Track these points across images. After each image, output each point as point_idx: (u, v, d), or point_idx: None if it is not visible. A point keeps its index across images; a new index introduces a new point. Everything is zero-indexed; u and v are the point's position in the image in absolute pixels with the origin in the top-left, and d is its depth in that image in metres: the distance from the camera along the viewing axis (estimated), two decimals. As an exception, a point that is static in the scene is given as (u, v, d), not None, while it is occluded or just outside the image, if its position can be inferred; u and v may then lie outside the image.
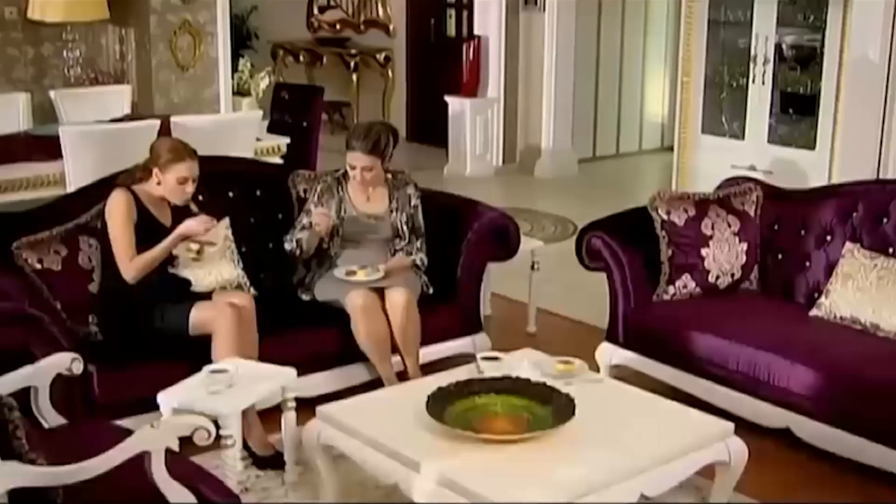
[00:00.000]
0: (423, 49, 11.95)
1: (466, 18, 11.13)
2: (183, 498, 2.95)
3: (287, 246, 4.97)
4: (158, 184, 4.41)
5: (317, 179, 5.16)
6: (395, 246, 5.01)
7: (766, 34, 7.29)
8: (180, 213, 4.53)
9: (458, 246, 5.15)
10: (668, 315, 4.84)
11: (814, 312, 4.69)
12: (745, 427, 3.99)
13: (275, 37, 12.15)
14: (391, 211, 5.01)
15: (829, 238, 4.91)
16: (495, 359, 4.04)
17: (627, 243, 4.99)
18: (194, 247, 4.47)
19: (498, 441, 3.38)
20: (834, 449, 4.21)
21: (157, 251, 4.36)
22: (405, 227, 5.01)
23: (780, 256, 5.05)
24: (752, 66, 7.38)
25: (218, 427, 3.32)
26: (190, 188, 4.45)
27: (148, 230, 4.39)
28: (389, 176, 5.07)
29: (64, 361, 3.58)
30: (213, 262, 4.74)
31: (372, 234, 4.99)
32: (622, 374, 4.80)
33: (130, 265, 4.33)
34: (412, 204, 5.06)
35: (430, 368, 4.71)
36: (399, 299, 4.74)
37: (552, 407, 3.54)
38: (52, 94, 7.37)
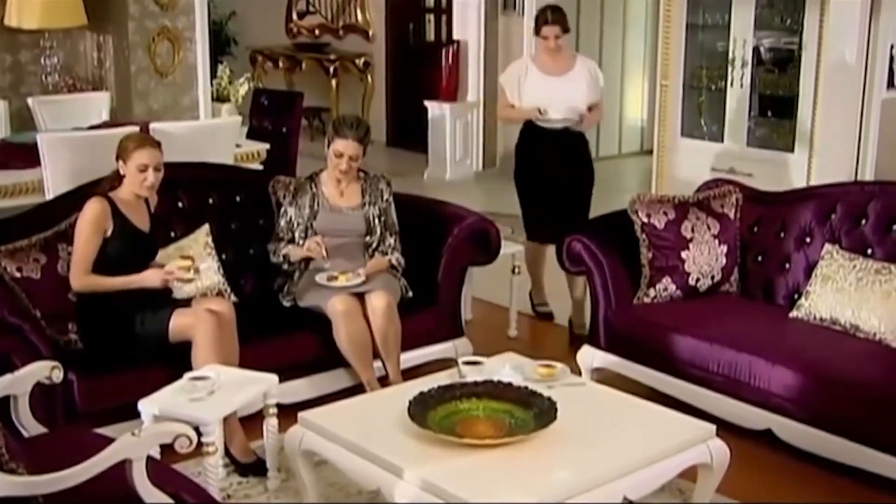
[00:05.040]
0: (403, 54, 11.93)
1: (445, 23, 11.13)
2: (164, 506, 2.94)
3: (273, 259, 5.03)
4: (124, 176, 4.38)
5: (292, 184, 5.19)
6: (371, 244, 5.02)
7: (744, 37, 7.31)
8: (157, 220, 4.54)
9: (438, 250, 5.15)
10: (649, 318, 4.84)
11: (794, 314, 4.71)
12: (726, 429, 4.01)
13: (254, 42, 12.13)
14: (364, 204, 5.04)
15: (808, 240, 4.93)
16: (477, 363, 4.04)
17: (608, 247, 5.01)
18: (186, 264, 4.38)
19: (480, 445, 3.37)
20: (815, 450, 4.23)
21: (113, 283, 4.30)
22: (377, 221, 5.03)
23: (759, 258, 5.07)
24: (730, 69, 7.40)
25: (199, 434, 3.31)
26: (151, 178, 4.37)
27: (126, 236, 4.37)
28: (362, 173, 5.12)
29: (44, 370, 3.55)
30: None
31: (345, 227, 5.00)
32: (604, 377, 4.81)
33: (82, 278, 4.29)
34: (385, 198, 5.08)
35: (411, 373, 4.70)
36: (380, 303, 4.74)
37: (534, 411, 3.54)
38: (30, 101, 7.31)
